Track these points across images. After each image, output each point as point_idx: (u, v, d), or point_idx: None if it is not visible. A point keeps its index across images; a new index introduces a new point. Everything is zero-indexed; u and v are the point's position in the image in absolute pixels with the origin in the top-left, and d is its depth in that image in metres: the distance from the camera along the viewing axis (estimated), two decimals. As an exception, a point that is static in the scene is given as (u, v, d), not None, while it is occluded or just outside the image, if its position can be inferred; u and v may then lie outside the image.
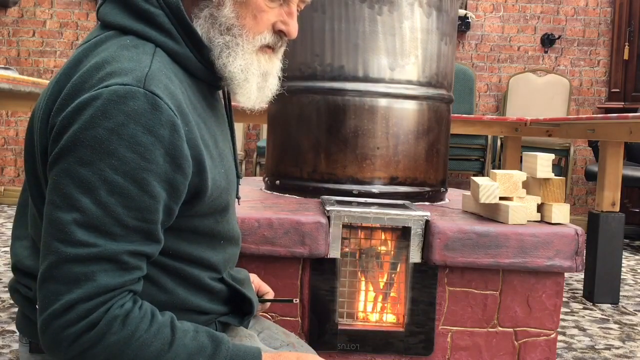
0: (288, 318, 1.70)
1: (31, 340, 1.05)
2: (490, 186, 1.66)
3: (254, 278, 1.33)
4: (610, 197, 3.06)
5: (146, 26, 1.00)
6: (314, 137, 1.92)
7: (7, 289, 1.10)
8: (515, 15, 5.49)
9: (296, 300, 1.38)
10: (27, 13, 5.47)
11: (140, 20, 1.00)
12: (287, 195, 1.99)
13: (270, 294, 1.36)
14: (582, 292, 3.26)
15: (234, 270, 1.19)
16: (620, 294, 3.17)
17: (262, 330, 1.29)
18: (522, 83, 5.35)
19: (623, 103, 5.30)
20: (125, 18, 1.00)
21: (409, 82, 1.90)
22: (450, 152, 2.36)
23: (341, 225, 1.66)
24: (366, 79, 1.88)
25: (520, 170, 1.77)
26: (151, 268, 0.97)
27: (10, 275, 1.06)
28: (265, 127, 4.51)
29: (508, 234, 1.64)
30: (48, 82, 2.47)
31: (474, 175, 4.84)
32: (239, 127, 5.03)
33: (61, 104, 0.92)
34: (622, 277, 3.34)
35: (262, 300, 1.33)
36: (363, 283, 1.74)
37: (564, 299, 3.12)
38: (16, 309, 1.97)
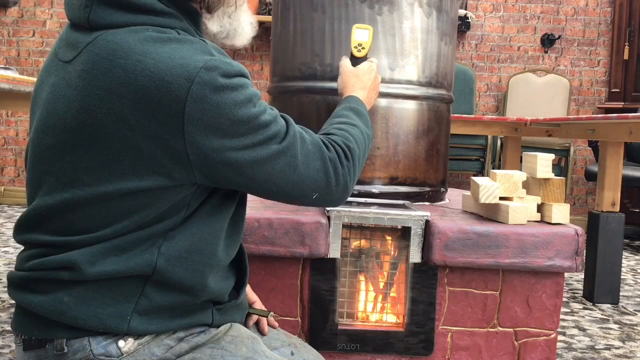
0: (288, 318, 1.70)
1: (26, 336, 1.05)
2: (490, 186, 1.66)
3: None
4: (610, 197, 3.06)
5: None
6: (314, 137, 1.92)
7: (7, 289, 1.09)
8: (515, 15, 5.49)
9: (272, 315, 1.35)
10: (27, 13, 5.47)
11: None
12: (287, 195, 1.99)
13: (257, 303, 1.36)
14: (582, 292, 3.26)
15: None
16: (620, 294, 3.17)
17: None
18: (522, 83, 5.35)
19: (623, 103, 5.29)
20: None
21: (409, 82, 1.90)
22: (450, 152, 2.36)
23: (341, 225, 1.66)
24: (366, 79, 1.87)
25: (520, 170, 1.77)
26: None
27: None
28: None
29: (508, 234, 1.64)
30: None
31: (474, 175, 4.84)
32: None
33: None
34: (622, 277, 3.34)
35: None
36: (363, 283, 1.74)
37: (564, 299, 3.12)
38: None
